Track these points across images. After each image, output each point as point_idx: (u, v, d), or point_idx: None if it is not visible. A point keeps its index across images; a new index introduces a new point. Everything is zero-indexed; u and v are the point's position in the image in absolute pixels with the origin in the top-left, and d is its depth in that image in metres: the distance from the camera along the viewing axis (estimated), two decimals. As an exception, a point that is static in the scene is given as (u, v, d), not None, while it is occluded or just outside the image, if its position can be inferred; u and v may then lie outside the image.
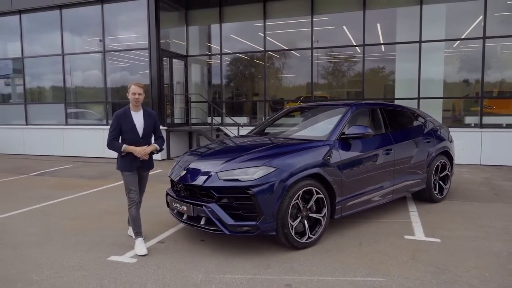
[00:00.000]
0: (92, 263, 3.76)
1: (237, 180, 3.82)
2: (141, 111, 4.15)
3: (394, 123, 5.41)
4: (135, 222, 4.09)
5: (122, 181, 4.18)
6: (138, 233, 4.08)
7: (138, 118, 4.10)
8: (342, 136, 4.54)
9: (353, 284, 3.24)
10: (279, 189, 3.79)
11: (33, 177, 8.55)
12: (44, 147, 12.12)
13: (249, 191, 3.73)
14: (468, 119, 9.94)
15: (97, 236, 4.54)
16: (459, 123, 10.24)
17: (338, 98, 11.71)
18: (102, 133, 11.39)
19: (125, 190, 4.15)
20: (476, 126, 9.58)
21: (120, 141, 4.11)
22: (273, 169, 3.84)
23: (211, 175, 3.93)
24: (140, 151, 4.04)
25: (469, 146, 9.32)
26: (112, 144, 4.07)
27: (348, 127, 4.63)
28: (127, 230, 4.52)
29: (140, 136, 4.09)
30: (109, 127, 4.16)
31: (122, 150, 4.01)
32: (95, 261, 3.79)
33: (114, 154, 4.01)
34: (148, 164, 4.24)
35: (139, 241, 4.04)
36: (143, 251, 3.95)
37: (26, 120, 12.62)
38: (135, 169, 4.12)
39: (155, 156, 4.25)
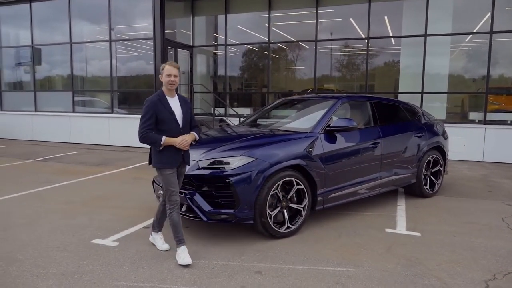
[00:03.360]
0: (76, 245, 3.90)
1: (217, 169, 3.90)
2: (176, 96, 3.58)
3: (384, 116, 5.39)
4: (176, 228, 3.53)
5: (122, 168, 4.01)
6: (181, 241, 3.54)
7: (175, 105, 3.51)
8: (327, 129, 4.56)
9: (321, 273, 3.31)
10: (258, 179, 3.85)
11: (37, 162, 8.80)
12: (52, 133, 12.41)
13: (227, 180, 3.80)
14: (472, 115, 9.79)
15: (85, 220, 4.69)
16: (462, 118, 10.10)
17: (345, 91, 11.65)
18: (108, 121, 11.62)
19: (165, 191, 3.54)
20: (480, 122, 9.44)
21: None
22: (252, 159, 3.90)
23: (193, 163, 4.01)
24: (182, 141, 3.44)
25: (471, 142, 9.20)
26: (147, 136, 3.40)
27: (334, 120, 4.65)
28: (149, 236, 3.95)
29: (181, 126, 3.50)
30: (140, 116, 3.50)
31: (162, 142, 3.39)
32: (78, 243, 3.94)
33: (119, 142, 3.85)
34: (188, 157, 3.63)
35: (182, 249, 3.51)
36: (187, 260, 3.43)
37: (35, 107, 12.92)
38: (177, 165, 3.55)
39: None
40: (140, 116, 3.50)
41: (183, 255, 3.47)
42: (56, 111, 12.57)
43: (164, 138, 3.40)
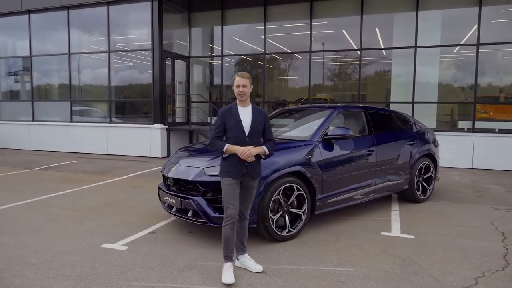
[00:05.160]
0: (86, 249, 4.07)
1: (222, 175, 4.10)
2: (250, 106, 3.58)
3: (378, 125, 5.66)
4: (227, 243, 3.43)
5: (123, 176, 4.19)
6: (228, 257, 3.44)
7: (245, 114, 3.52)
8: (324, 137, 4.81)
9: (323, 273, 3.52)
10: (261, 185, 4.06)
11: (37, 171, 8.91)
12: (50, 143, 12.51)
13: (232, 186, 4.01)
14: (461, 124, 10.14)
15: (93, 226, 4.85)
16: (452, 127, 10.45)
17: (338, 100, 11.96)
18: (106, 130, 11.77)
19: (223, 203, 3.50)
20: (469, 130, 9.78)
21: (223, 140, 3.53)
22: (255, 166, 4.11)
23: (198, 170, 4.23)
24: (245, 150, 3.38)
25: (461, 150, 9.53)
26: (213, 143, 3.47)
27: (331, 129, 4.90)
28: (235, 261, 3.65)
29: (246, 134, 3.46)
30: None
31: (224, 150, 3.41)
32: (89, 248, 4.10)
33: (117, 151, 4.03)
34: (254, 170, 3.49)
35: (227, 266, 3.40)
36: (230, 279, 3.30)
37: (33, 117, 13.02)
38: (239, 177, 3.45)
39: (155, 153, 3.62)
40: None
41: (227, 272, 3.36)
42: (54, 120, 12.68)
43: (227, 145, 3.41)
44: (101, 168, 9.33)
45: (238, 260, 3.65)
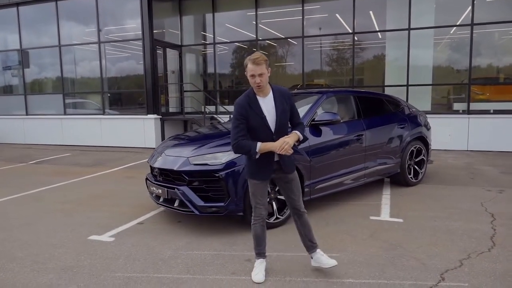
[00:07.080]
0: (73, 241, 4.06)
1: (207, 164, 4.08)
2: (270, 94, 3.00)
3: (367, 109, 5.59)
4: (258, 241, 3.17)
5: (116, 168, 4.14)
6: (260, 254, 3.20)
7: (268, 106, 2.97)
8: (312, 123, 4.75)
9: (308, 258, 3.49)
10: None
11: (31, 165, 8.89)
12: (44, 136, 12.48)
13: (217, 175, 3.99)
14: (456, 106, 10.06)
15: (83, 218, 4.84)
16: (447, 109, 10.37)
17: (333, 85, 11.86)
18: (99, 122, 11.72)
19: (251, 202, 3.17)
20: (464, 112, 9.71)
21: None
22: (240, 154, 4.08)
23: (183, 160, 4.20)
24: (282, 145, 2.87)
25: (456, 132, 9.48)
26: (240, 145, 2.92)
27: (318, 114, 4.84)
28: (311, 261, 3.38)
29: (273, 131, 2.98)
30: (233, 123, 2.99)
31: (257, 151, 2.90)
32: (76, 240, 4.10)
33: (111, 142, 3.91)
34: (288, 163, 3.07)
35: (258, 263, 3.19)
36: (260, 277, 3.08)
37: (26, 111, 12.96)
38: (270, 176, 3.09)
39: (149, 143, 3.11)
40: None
41: (257, 269, 3.15)
42: (48, 114, 12.62)
43: (259, 144, 2.90)
44: (95, 160, 9.31)
45: (312, 258, 3.32)
